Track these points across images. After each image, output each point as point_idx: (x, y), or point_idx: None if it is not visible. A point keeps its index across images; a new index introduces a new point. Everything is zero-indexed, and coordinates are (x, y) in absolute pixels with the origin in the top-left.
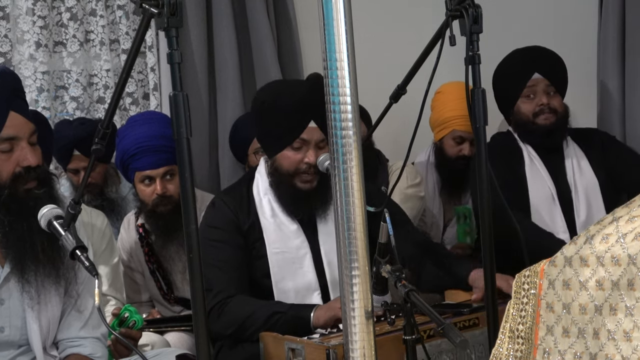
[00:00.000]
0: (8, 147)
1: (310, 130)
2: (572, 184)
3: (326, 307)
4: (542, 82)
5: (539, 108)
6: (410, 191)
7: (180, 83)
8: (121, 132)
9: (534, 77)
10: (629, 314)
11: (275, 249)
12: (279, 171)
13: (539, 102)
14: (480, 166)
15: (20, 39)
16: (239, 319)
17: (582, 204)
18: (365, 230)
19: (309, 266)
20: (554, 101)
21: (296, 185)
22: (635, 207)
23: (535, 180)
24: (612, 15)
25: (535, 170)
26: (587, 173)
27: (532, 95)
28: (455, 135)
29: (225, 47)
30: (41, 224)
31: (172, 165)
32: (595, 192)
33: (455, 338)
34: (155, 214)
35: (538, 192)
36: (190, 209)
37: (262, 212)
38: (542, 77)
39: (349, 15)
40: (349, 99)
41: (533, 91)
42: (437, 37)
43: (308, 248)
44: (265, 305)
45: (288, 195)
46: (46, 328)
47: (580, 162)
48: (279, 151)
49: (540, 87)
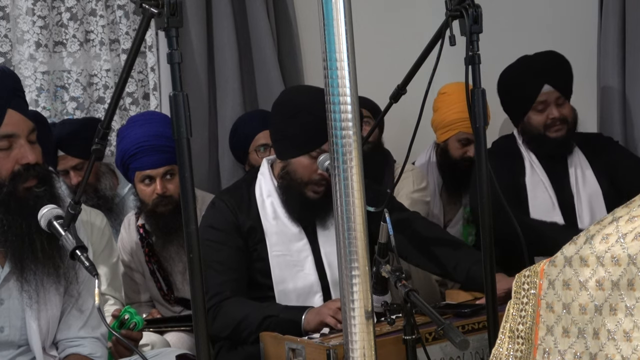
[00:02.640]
0: (7, 144)
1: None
2: (576, 193)
3: (315, 311)
4: (553, 95)
5: (550, 121)
6: (417, 195)
7: (180, 83)
8: (121, 132)
9: (544, 90)
10: (629, 314)
11: (277, 251)
12: (290, 176)
13: (550, 115)
14: (480, 166)
15: (20, 39)
16: (233, 321)
17: (586, 212)
18: (365, 230)
19: (310, 268)
20: (564, 111)
21: (306, 194)
22: (635, 207)
23: (535, 188)
24: (612, 16)
25: (536, 179)
26: (590, 182)
27: (543, 107)
28: (461, 137)
29: (225, 47)
30: (41, 224)
31: (172, 165)
32: (598, 201)
33: (455, 338)
34: (155, 214)
35: (538, 201)
36: (190, 209)
37: (264, 214)
38: (552, 88)
39: (349, 15)
40: (349, 99)
41: (544, 104)
42: (437, 37)
43: (310, 251)
44: (259, 308)
45: (296, 202)
46: (45, 328)
47: (584, 171)
48: (296, 156)
49: (551, 99)
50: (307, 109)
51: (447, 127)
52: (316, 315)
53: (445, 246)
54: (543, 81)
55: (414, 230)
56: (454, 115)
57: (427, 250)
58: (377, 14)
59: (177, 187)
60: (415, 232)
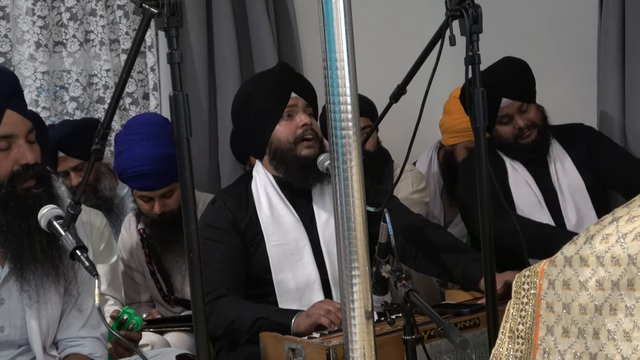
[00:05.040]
0: (5, 145)
1: (294, 99)
2: (558, 187)
3: (305, 314)
4: (513, 105)
5: (517, 131)
6: (416, 196)
7: (180, 83)
8: (120, 143)
9: (504, 104)
10: (629, 314)
11: (274, 241)
12: (280, 147)
13: (516, 126)
14: (480, 166)
15: (20, 39)
16: (227, 321)
17: (570, 206)
18: (365, 230)
19: (308, 257)
20: (530, 116)
21: (300, 153)
22: (635, 207)
23: (519, 188)
24: (612, 16)
25: (519, 179)
26: (571, 174)
27: (508, 120)
28: (470, 145)
29: (225, 47)
30: (41, 224)
31: (170, 185)
32: (582, 193)
33: (455, 338)
34: (154, 225)
35: (524, 200)
36: (190, 209)
37: (259, 206)
38: (511, 100)
39: (349, 15)
40: (349, 99)
41: (507, 116)
42: (437, 37)
43: (307, 240)
44: (252, 309)
45: (297, 168)
46: (46, 328)
47: (564, 164)
48: (273, 129)
49: (513, 110)
50: (255, 89)
51: (457, 132)
52: (306, 318)
53: (446, 249)
54: (500, 95)
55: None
56: (467, 124)
57: (430, 254)
58: (377, 14)
59: (175, 201)
60: (420, 238)
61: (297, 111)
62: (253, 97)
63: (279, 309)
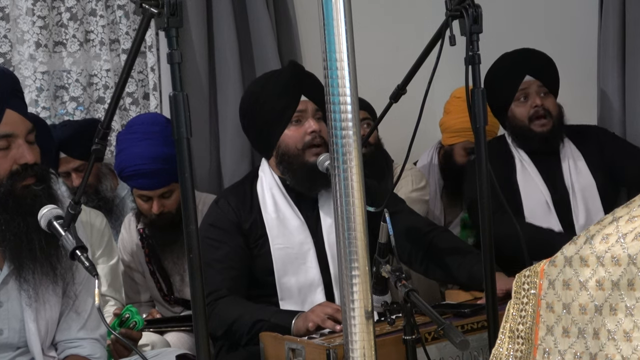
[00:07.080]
0: (5, 144)
1: (303, 103)
2: (570, 187)
3: (304, 316)
4: (535, 84)
5: (533, 110)
6: (415, 195)
7: (181, 83)
8: (121, 142)
9: (526, 80)
10: (629, 314)
11: (279, 244)
12: (288, 153)
13: (532, 104)
14: (480, 166)
15: (20, 39)
16: (227, 322)
17: (581, 206)
18: (365, 230)
19: (312, 261)
20: (547, 102)
21: (308, 160)
22: (635, 207)
23: (528, 187)
24: (612, 16)
25: (527, 177)
26: (584, 174)
27: (525, 98)
28: (467, 146)
29: (226, 47)
30: (41, 224)
31: (169, 185)
32: (592, 194)
33: (455, 338)
34: (154, 225)
35: (531, 199)
36: (190, 209)
37: (265, 207)
38: (533, 78)
39: (349, 15)
40: (349, 99)
41: (525, 93)
42: (437, 37)
43: (312, 244)
44: (252, 310)
45: (304, 174)
46: (44, 329)
47: (577, 163)
48: (281, 134)
49: (533, 88)
50: (264, 90)
51: (456, 132)
52: (305, 321)
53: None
54: (524, 71)
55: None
56: (465, 124)
57: (436, 257)
58: (377, 14)
59: (174, 202)
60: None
61: (307, 116)
62: (261, 99)
63: (279, 310)
